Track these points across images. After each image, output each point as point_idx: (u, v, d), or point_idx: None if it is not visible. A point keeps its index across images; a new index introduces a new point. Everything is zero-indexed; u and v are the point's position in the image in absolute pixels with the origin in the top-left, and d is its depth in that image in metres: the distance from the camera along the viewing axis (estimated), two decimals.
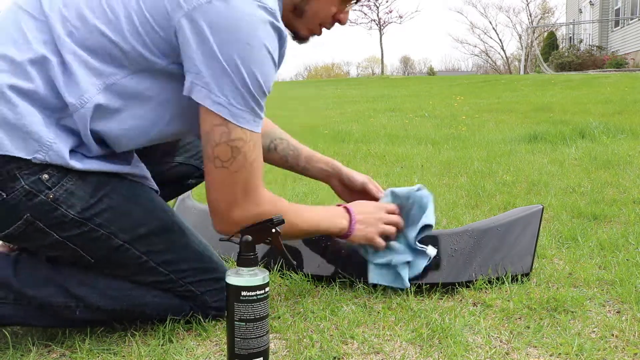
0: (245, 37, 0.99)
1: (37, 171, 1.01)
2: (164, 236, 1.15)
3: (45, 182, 1.02)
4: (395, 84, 14.86)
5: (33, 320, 1.13)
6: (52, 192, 1.02)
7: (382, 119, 6.50)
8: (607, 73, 13.15)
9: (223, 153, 1.04)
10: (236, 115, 1.02)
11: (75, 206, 1.05)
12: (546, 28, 28.60)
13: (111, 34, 1.01)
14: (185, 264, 1.17)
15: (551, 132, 4.26)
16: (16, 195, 1.01)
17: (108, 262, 1.13)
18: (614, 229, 1.87)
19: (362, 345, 1.12)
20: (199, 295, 1.19)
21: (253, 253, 1.00)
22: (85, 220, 1.06)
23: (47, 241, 1.07)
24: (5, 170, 1.00)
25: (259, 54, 1.01)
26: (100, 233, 1.08)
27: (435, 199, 1.45)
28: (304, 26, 1.21)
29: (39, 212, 1.03)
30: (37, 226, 1.04)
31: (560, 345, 1.09)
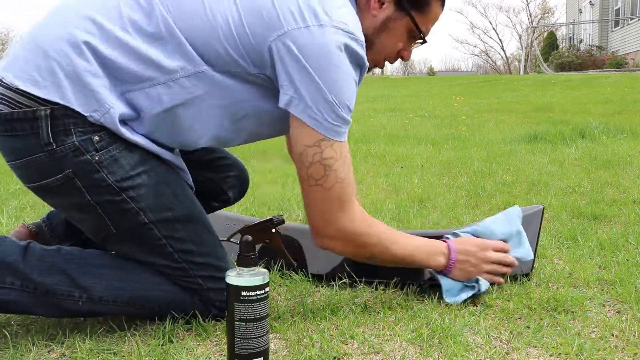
0: (335, 62, 1.09)
1: (90, 131, 1.08)
2: (188, 226, 1.18)
3: (94, 144, 1.09)
4: (395, 84, 14.86)
5: (37, 308, 1.14)
6: (98, 155, 1.09)
7: (382, 119, 6.50)
8: (607, 73, 13.15)
9: (316, 172, 1.13)
10: (329, 130, 1.12)
11: (116, 174, 1.11)
12: (546, 28, 28.60)
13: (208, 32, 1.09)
14: (200, 258, 1.19)
15: (551, 132, 4.26)
16: (65, 149, 1.07)
17: (127, 237, 1.16)
18: (614, 229, 1.87)
19: (362, 345, 1.12)
20: (205, 291, 1.20)
21: (253, 253, 1.00)
22: (120, 190, 1.11)
23: (78, 201, 1.11)
24: (62, 122, 1.07)
25: (346, 78, 1.12)
26: (130, 206, 1.12)
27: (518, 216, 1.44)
28: (370, 57, 1.25)
29: (81, 170, 1.09)
30: (75, 184, 1.09)
31: (560, 345, 1.09)
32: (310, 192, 1.15)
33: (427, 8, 1.27)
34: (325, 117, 1.11)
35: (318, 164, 1.13)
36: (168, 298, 1.19)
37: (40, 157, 1.08)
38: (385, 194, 2.58)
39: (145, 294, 1.18)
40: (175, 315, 1.21)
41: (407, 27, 1.27)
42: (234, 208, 2.27)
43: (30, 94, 1.06)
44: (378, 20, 1.25)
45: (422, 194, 2.48)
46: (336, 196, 1.15)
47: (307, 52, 1.08)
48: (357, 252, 1.24)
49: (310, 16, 1.09)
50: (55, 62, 1.07)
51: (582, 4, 23.01)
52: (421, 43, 1.32)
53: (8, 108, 1.07)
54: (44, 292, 1.12)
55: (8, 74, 1.08)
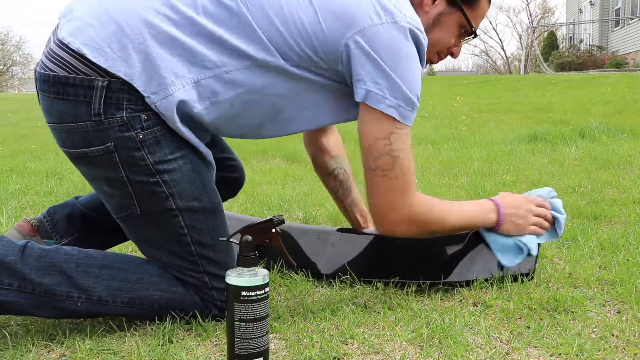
0: (407, 55, 1.16)
1: (140, 109, 1.11)
2: (210, 219, 1.21)
3: (142, 122, 1.12)
4: None
5: (35, 309, 1.13)
6: (142, 133, 1.12)
7: None
8: (607, 73, 13.14)
9: (385, 163, 1.20)
10: (404, 116, 1.19)
11: (155, 154, 1.13)
12: (546, 28, 28.59)
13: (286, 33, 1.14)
14: (213, 254, 1.21)
15: (551, 132, 4.26)
16: (112, 122, 1.10)
17: (150, 220, 1.17)
18: (614, 229, 1.87)
19: (362, 345, 1.12)
20: (209, 289, 1.21)
21: (253, 253, 1.00)
22: (156, 172, 1.14)
23: (111, 175, 1.14)
24: (116, 96, 1.10)
25: (416, 69, 1.18)
26: (162, 190, 1.15)
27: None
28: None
29: (122, 145, 1.12)
30: (113, 158, 1.12)
31: (561, 346, 1.09)
32: (376, 182, 1.21)
33: (476, 4, 1.33)
34: (400, 104, 1.17)
35: (387, 155, 1.19)
36: (168, 298, 1.19)
37: (86, 126, 1.11)
38: None
39: (144, 294, 1.18)
40: (175, 316, 1.21)
41: (458, 22, 1.33)
42: (235, 208, 2.27)
43: (95, 63, 1.08)
44: (431, 16, 1.31)
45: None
46: (400, 185, 1.22)
47: (382, 47, 1.14)
48: (420, 231, 1.30)
49: (385, 13, 1.15)
50: (129, 39, 1.10)
51: (582, 3, 23.01)
52: (472, 38, 1.38)
53: (64, 72, 1.10)
54: (43, 292, 1.12)
55: (75, 40, 1.10)
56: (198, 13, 1.13)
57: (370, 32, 1.14)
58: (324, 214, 2.17)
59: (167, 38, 1.11)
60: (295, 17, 1.14)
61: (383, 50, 1.14)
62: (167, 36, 1.11)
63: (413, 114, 1.20)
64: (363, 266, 1.46)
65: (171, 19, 1.12)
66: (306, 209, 2.22)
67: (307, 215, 2.14)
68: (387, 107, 1.16)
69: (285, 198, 2.43)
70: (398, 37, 1.15)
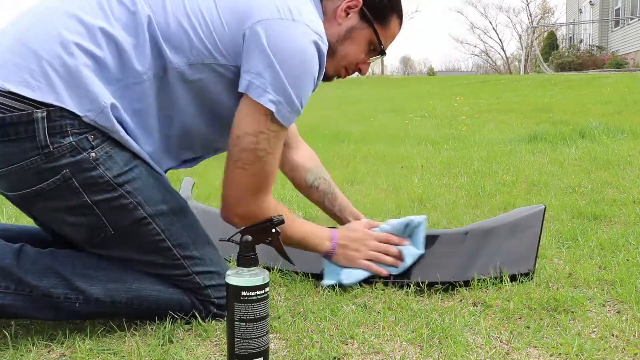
0: (300, 56, 1.14)
1: (85, 131, 1.08)
2: (182, 218, 1.20)
3: (90, 141, 1.09)
4: (395, 84, 14.87)
5: (34, 311, 1.13)
6: (94, 152, 1.09)
7: (382, 119, 6.50)
8: (607, 73, 13.14)
9: (247, 157, 1.17)
10: (282, 115, 1.15)
11: (112, 169, 1.11)
12: (546, 28, 28.59)
13: (187, 25, 1.13)
14: (196, 251, 1.20)
15: (551, 132, 4.26)
16: (62, 150, 1.07)
17: (125, 236, 1.15)
18: (614, 229, 1.87)
19: (362, 345, 1.12)
20: (203, 289, 1.21)
21: (253, 253, 1.00)
22: (118, 186, 1.11)
23: (73, 203, 1.10)
24: (59, 124, 1.06)
25: (308, 73, 1.16)
26: (129, 201, 1.13)
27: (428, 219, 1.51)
28: (332, 65, 1.31)
29: (78, 169, 1.08)
30: (71, 184, 1.09)
31: (561, 346, 1.09)
32: (234, 173, 1.19)
33: (387, 23, 1.34)
34: (281, 101, 1.13)
35: (251, 152, 1.17)
36: (166, 298, 1.19)
37: (36, 161, 1.06)
38: (385, 194, 2.58)
39: (142, 295, 1.18)
40: (175, 316, 1.21)
41: (369, 39, 1.33)
42: None
43: (24, 96, 1.05)
44: (342, 29, 1.30)
45: (422, 194, 2.48)
46: (256, 183, 1.20)
47: (275, 42, 1.12)
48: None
49: (285, 11, 1.14)
50: (47, 63, 1.07)
51: (582, 4, 23.00)
52: (380, 57, 1.38)
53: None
54: (40, 295, 1.11)
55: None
56: (109, 22, 1.11)
57: (268, 24, 1.13)
58: (324, 214, 2.17)
59: (85, 55, 1.08)
60: (198, 17, 1.13)
61: (276, 44, 1.12)
62: (84, 53, 1.08)
63: (292, 116, 1.16)
64: None
65: (83, 34, 1.09)
66: (306, 209, 2.22)
67: (307, 216, 2.14)
68: (267, 102, 1.13)
69: (285, 198, 2.43)
70: (295, 35, 1.14)
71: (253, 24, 1.12)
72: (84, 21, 1.10)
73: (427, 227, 1.76)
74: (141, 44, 1.11)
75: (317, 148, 4.10)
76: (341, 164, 3.41)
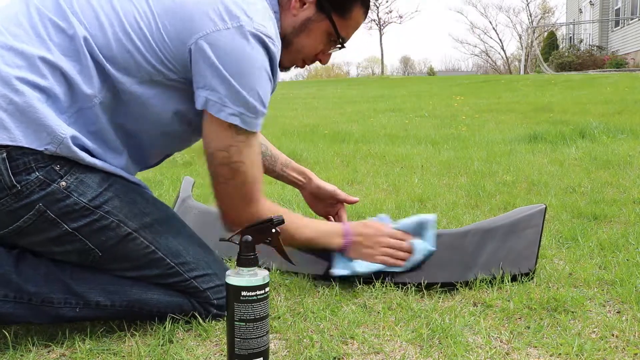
0: (251, 62, 1.11)
1: (49, 162, 1.05)
2: (168, 225, 1.19)
3: (57, 171, 1.06)
4: (395, 84, 14.87)
5: (33, 318, 1.13)
6: (63, 180, 1.06)
7: (382, 119, 6.50)
8: (607, 73, 13.16)
9: (224, 172, 1.16)
10: (248, 123, 1.13)
11: (86, 194, 1.08)
12: (546, 28, 28.59)
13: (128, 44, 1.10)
14: (189, 256, 1.20)
15: (551, 132, 4.26)
16: (30, 186, 1.04)
17: (115, 256, 1.14)
18: (614, 229, 1.87)
19: (362, 346, 1.12)
20: (201, 292, 1.20)
21: (253, 253, 1.00)
22: (95, 208, 1.09)
23: (54, 234, 1.08)
24: (21, 162, 1.03)
25: (261, 75, 1.13)
26: (110, 221, 1.11)
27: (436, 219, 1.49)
28: (288, 57, 1.29)
29: (51, 200, 1.06)
30: (48, 216, 1.06)
31: (561, 346, 1.09)
32: (218, 189, 1.19)
33: (348, 13, 1.29)
34: (242, 112, 1.12)
35: (227, 166, 1.16)
36: (166, 301, 1.19)
37: (7, 202, 1.04)
38: (385, 194, 2.58)
39: (142, 298, 1.17)
40: (175, 316, 1.21)
41: (326, 31, 1.29)
42: None
43: None
44: (298, 20, 1.27)
45: (422, 194, 2.48)
46: (243, 194, 1.19)
47: (224, 54, 1.09)
48: None
49: (230, 17, 1.10)
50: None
51: (582, 4, 23.00)
52: (339, 48, 1.34)
53: None
54: (40, 301, 1.11)
55: None
56: (49, 50, 1.08)
57: (212, 38, 1.09)
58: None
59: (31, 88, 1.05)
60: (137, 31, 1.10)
61: (225, 56, 1.09)
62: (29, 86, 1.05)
63: (258, 120, 1.15)
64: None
65: (23, 67, 1.06)
66: (306, 209, 2.22)
67: (306, 215, 2.14)
68: (228, 116, 1.11)
69: (285, 198, 2.43)
70: (242, 43, 1.10)
71: (197, 40, 1.09)
72: (22, 52, 1.07)
73: None
74: (85, 67, 1.09)
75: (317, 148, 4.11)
76: (341, 164, 3.41)
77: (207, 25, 1.10)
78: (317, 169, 3.18)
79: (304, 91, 13.73)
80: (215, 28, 1.10)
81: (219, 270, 1.22)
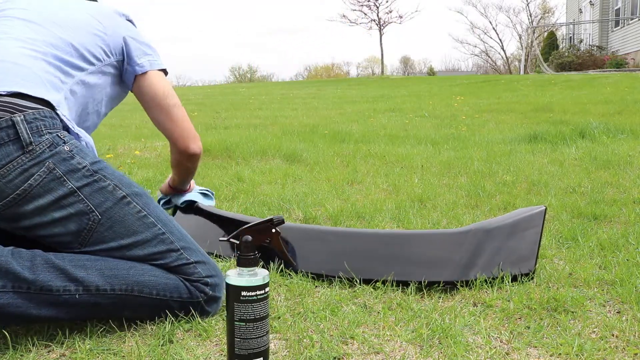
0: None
1: (55, 131, 1.23)
2: (151, 200, 1.30)
3: (62, 138, 1.23)
4: (395, 84, 14.87)
5: (33, 308, 1.12)
6: (67, 145, 1.23)
7: (382, 119, 6.50)
8: (607, 73, 13.15)
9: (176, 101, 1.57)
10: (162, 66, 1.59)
11: (86, 158, 1.24)
12: (546, 28, 28.58)
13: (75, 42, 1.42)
14: (173, 227, 1.28)
15: (551, 132, 4.26)
16: (42, 146, 1.19)
17: (112, 218, 1.21)
18: (614, 229, 1.87)
19: (362, 346, 1.12)
20: (192, 266, 1.24)
21: (253, 253, 1.00)
22: (95, 172, 1.23)
23: (61, 192, 1.18)
24: (35, 125, 1.20)
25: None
26: (107, 183, 1.23)
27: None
28: None
29: (58, 159, 1.20)
30: (56, 174, 1.19)
31: (561, 346, 1.09)
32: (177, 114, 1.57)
33: None
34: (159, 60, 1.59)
35: (175, 96, 1.57)
36: (163, 284, 1.21)
37: (22, 160, 1.16)
38: (385, 194, 2.58)
39: (140, 280, 1.19)
40: (175, 316, 1.21)
41: None
42: (235, 208, 2.27)
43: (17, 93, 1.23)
44: None
45: (422, 194, 2.48)
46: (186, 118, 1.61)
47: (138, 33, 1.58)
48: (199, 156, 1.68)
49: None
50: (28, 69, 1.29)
51: (582, 4, 23.01)
52: None
53: None
54: (39, 289, 1.12)
55: None
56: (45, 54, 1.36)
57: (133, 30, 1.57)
58: (324, 214, 2.17)
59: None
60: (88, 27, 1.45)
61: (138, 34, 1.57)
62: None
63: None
64: (362, 265, 1.46)
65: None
66: (306, 209, 2.22)
67: (307, 215, 2.14)
68: (161, 64, 1.57)
69: (285, 198, 2.43)
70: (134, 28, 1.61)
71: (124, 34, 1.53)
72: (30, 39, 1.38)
73: (427, 227, 1.76)
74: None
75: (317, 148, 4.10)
76: (341, 164, 3.41)
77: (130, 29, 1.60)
78: (317, 169, 3.19)
79: (304, 91, 13.73)
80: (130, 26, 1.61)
81: (194, 247, 1.29)
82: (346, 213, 2.15)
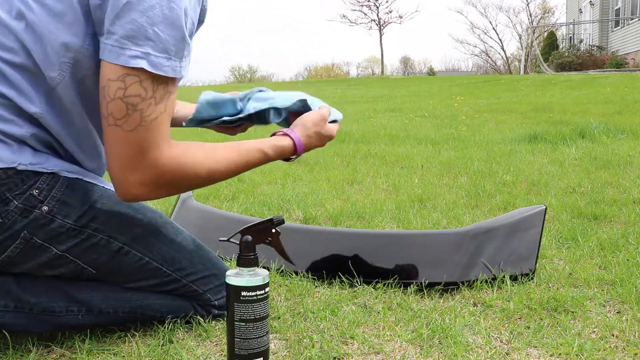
0: None
1: (25, 189, 1.00)
2: (160, 234, 1.16)
3: (37, 197, 1.01)
4: (395, 84, 14.87)
5: (34, 327, 1.12)
6: (45, 205, 1.02)
7: (382, 119, 6.50)
8: (607, 73, 13.16)
9: (117, 110, 0.96)
10: (156, 65, 0.95)
11: (70, 215, 1.05)
12: (546, 28, 28.58)
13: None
14: (185, 261, 1.18)
15: (551, 132, 4.26)
16: (12, 216, 1.00)
17: (109, 271, 1.12)
18: (614, 229, 1.87)
19: (362, 346, 1.12)
20: (201, 294, 1.20)
21: (253, 253, 1.00)
22: (82, 228, 1.06)
23: (45, 258, 1.06)
24: None
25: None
26: (99, 238, 1.08)
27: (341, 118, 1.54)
28: None
29: (35, 227, 1.02)
30: (35, 243, 1.03)
31: (561, 346, 1.09)
32: (108, 132, 0.98)
33: None
34: (148, 51, 0.94)
35: (119, 100, 0.95)
36: (168, 304, 1.19)
37: None
38: (385, 194, 2.58)
39: (145, 304, 1.17)
40: (176, 316, 1.21)
41: None
42: (235, 208, 2.27)
43: None
44: None
45: (422, 194, 2.48)
46: (137, 140, 0.97)
47: None
48: (176, 191, 1.09)
49: None
50: None
51: (582, 4, 23.00)
52: None
53: None
54: (41, 310, 1.10)
55: None
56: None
57: None
58: (324, 214, 2.17)
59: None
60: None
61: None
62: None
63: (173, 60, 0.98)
64: (363, 265, 1.46)
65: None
66: (306, 209, 2.22)
67: (307, 215, 2.14)
68: (129, 59, 0.94)
69: (285, 198, 2.43)
70: None
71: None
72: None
73: (427, 227, 1.76)
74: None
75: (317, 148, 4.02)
76: (341, 164, 3.41)
77: None
78: (317, 169, 3.19)
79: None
80: None
81: (217, 270, 1.21)
82: (346, 213, 2.15)
